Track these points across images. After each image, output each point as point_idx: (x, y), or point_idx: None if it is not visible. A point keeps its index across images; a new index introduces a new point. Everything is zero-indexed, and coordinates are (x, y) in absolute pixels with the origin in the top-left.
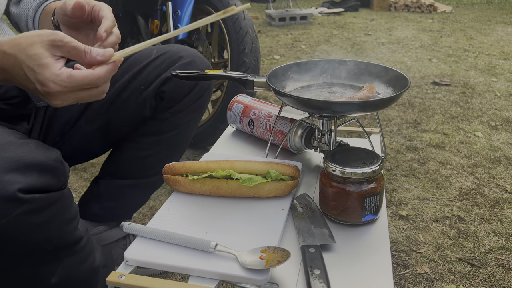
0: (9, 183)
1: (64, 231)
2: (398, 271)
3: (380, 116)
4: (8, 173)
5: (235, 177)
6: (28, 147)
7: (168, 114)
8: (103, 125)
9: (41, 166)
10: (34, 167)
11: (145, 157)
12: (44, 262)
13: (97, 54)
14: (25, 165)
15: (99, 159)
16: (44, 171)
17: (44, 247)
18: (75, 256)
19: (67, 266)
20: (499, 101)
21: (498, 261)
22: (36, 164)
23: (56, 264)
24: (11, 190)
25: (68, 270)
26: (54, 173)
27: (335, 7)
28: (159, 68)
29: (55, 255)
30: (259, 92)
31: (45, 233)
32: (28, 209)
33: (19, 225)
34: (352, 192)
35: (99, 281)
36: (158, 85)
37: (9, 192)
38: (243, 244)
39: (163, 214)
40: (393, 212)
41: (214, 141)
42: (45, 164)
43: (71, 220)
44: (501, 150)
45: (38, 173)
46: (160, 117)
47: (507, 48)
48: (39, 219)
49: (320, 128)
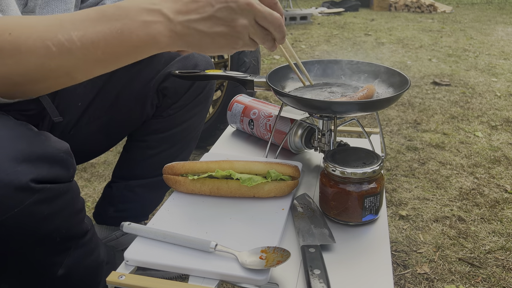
0: (22, 173)
1: (72, 222)
2: (398, 271)
3: (380, 116)
4: (21, 164)
5: (235, 177)
6: (39, 139)
7: (172, 111)
8: (104, 125)
9: (52, 157)
10: (45, 159)
11: (154, 155)
12: (52, 252)
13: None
14: (37, 157)
15: (99, 159)
16: (55, 162)
17: (52, 238)
18: (82, 249)
19: (74, 258)
20: (499, 101)
21: (498, 261)
22: (47, 155)
23: (64, 256)
24: (24, 180)
25: (75, 262)
26: (64, 165)
27: (335, 7)
28: (158, 64)
29: (63, 246)
30: (259, 92)
31: (54, 223)
32: (39, 198)
33: (30, 214)
34: (352, 192)
35: (102, 277)
36: (159, 81)
37: (22, 182)
38: (243, 244)
39: (163, 214)
40: (393, 212)
41: (214, 141)
42: (56, 156)
43: (78, 212)
44: (501, 150)
45: (49, 165)
46: (164, 114)
47: (507, 48)
48: (49, 209)
49: (320, 128)
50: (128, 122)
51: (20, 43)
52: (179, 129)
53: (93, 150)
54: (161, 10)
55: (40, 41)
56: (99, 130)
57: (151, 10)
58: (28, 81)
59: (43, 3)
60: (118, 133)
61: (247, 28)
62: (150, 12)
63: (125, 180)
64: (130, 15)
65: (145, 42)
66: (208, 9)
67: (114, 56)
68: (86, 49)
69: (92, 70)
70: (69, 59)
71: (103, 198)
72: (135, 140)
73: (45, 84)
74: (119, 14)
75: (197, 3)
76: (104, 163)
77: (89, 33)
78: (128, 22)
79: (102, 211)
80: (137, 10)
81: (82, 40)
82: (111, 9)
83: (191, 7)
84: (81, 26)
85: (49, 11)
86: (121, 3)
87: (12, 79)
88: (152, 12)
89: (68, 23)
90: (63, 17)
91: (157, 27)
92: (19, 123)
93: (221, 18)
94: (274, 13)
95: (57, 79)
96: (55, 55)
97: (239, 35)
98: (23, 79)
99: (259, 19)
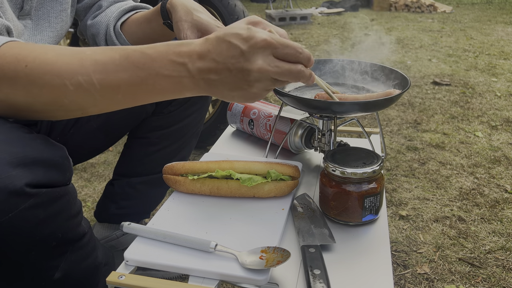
0: (17, 178)
1: (69, 226)
2: (398, 271)
3: (380, 116)
4: (16, 168)
5: (235, 177)
6: (35, 143)
7: (173, 107)
8: (103, 123)
9: (47, 161)
10: (41, 163)
11: (155, 151)
12: (48, 256)
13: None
14: (32, 161)
15: (99, 159)
16: (51, 166)
17: (49, 242)
18: (79, 252)
19: (71, 262)
20: (499, 101)
21: (498, 261)
22: (43, 160)
23: (60, 259)
24: (19, 184)
25: (72, 266)
26: (59, 169)
27: (335, 7)
28: None
29: (59, 250)
30: None
31: (50, 228)
32: (34, 203)
33: (25, 219)
34: (352, 192)
35: (100, 279)
36: None
37: (16, 187)
38: (243, 244)
39: (163, 214)
40: (393, 212)
41: (214, 141)
42: (51, 160)
43: (75, 215)
44: (501, 150)
45: (44, 169)
46: (165, 111)
47: (507, 48)
48: (45, 213)
49: (320, 128)
50: (127, 120)
51: (36, 77)
52: (180, 126)
53: (93, 148)
54: (186, 65)
55: (58, 80)
56: (99, 128)
57: (176, 64)
58: (37, 110)
59: (38, 4)
60: (118, 131)
61: (263, 88)
62: (175, 65)
63: (127, 178)
64: (154, 66)
65: (168, 92)
66: (225, 73)
67: (133, 100)
68: (105, 92)
69: (107, 108)
70: (86, 99)
71: (105, 196)
72: (136, 137)
73: (54, 114)
74: (144, 63)
75: (217, 64)
76: (104, 163)
77: (110, 78)
78: (152, 73)
79: (104, 209)
80: (162, 61)
81: (102, 83)
82: (136, 54)
83: (211, 66)
84: (103, 69)
85: (44, 12)
86: (146, 49)
87: (20, 105)
88: (177, 66)
89: (89, 63)
90: (85, 55)
91: (182, 81)
92: (15, 126)
93: (237, 82)
94: (292, 68)
95: (68, 112)
96: (71, 93)
97: (255, 95)
98: (33, 108)
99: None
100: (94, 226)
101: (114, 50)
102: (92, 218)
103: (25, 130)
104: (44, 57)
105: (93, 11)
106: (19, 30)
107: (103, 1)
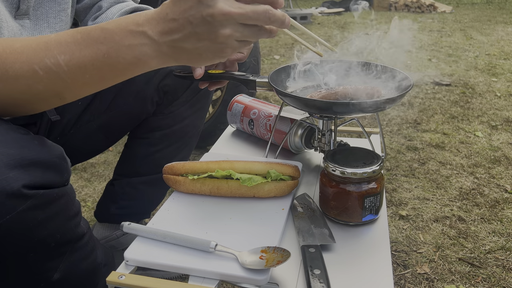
0: (14, 180)
1: (67, 227)
2: (398, 271)
3: (380, 116)
4: (13, 170)
5: (235, 177)
6: (32, 144)
7: (173, 108)
8: (104, 123)
9: (45, 163)
10: (38, 164)
11: (155, 152)
12: (47, 258)
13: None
14: (30, 162)
15: (99, 159)
16: (48, 168)
17: (47, 243)
18: (78, 253)
19: (70, 262)
20: (499, 101)
21: (498, 261)
22: (40, 161)
23: (59, 260)
24: (16, 186)
25: (71, 267)
26: (57, 170)
27: (335, 7)
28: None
29: (58, 251)
30: (259, 92)
31: (48, 229)
32: (32, 204)
33: (24, 220)
34: (352, 192)
35: (100, 280)
36: (160, 79)
37: (14, 188)
38: (243, 244)
39: (163, 214)
40: (393, 212)
41: (214, 141)
42: (49, 161)
43: (74, 216)
44: (501, 150)
45: (42, 170)
46: (166, 111)
47: (507, 48)
48: (43, 215)
49: (320, 128)
50: (128, 120)
51: (8, 67)
52: (181, 126)
53: (94, 148)
54: (146, 32)
55: (27, 66)
56: (99, 128)
57: (136, 32)
58: (18, 103)
59: (36, 4)
60: (118, 131)
61: (231, 36)
62: (135, 34)
63: (127, 177)
64: (115, 38)
65: (133, 65)
66: (187, 27)
67: (102, 78)
68: (73, 73)
69: (80, 91)
70: (57, 82)
71: (105, 196)
72: (137, 137)
73: (35, 106)
74: (104, 37)
75: (177, 22)
76: (104, 163)
77: (75, 57)
78: (114, 46)
79: (104, 208)
80: (122, 33)
81: (68, 64)
82: (97, 31)
83: (172, 26)
84: (67, 50)
85: (43, 12)
86: (106, 24)
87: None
88: (137, 35)
89: (54, 45)
90: (49, 38)
91: (143, 49)
92: (13, 127)
93: (202, 34)
94: (257, 7)
95: (46, 100)
96: (42, 79)
97: (224, 45)
98: (13, 102)
99: (244, 22)
100: (94, 226)
101: (77, 30)
102: (92, 218)
103: (22, 131)
104: (12, 48)
105: (93, 12)
106: (14, 30)
107: (103, 2)
